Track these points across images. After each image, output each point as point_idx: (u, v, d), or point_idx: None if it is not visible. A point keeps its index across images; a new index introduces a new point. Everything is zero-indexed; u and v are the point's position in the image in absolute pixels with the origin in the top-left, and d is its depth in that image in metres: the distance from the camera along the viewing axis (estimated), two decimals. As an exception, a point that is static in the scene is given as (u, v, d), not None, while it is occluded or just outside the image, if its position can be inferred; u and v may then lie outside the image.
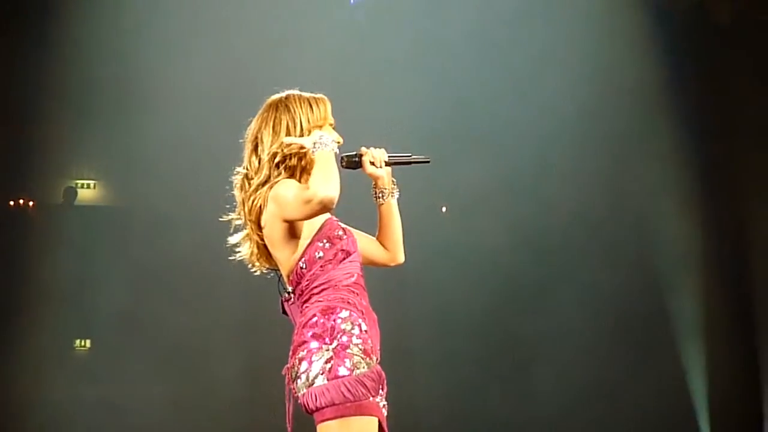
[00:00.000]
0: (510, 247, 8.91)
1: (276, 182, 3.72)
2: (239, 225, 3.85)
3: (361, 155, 3.92)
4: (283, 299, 3.80)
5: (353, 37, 8.84)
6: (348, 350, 3.62)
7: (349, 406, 3.58)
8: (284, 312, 3.82)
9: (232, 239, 3.87)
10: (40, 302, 8.67)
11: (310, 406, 3.61)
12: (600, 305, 8.93)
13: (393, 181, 3.99)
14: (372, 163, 3.91)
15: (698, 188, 9.04)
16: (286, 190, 3.67)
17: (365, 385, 3.61)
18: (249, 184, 3.77)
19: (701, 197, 9.03)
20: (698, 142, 9.01)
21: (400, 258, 4.06)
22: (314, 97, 3.87)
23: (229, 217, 3.88)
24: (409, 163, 3.97)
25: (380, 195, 3.97)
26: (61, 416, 8.59)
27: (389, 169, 3.97)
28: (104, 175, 9.17)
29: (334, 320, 3.66)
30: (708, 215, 9.04)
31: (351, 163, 3.92)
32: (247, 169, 3.79)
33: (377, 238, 4.02)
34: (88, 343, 9.01)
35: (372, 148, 3.94)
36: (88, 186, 9.15)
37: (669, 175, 9.05)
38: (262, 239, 3.78)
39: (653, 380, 8.92)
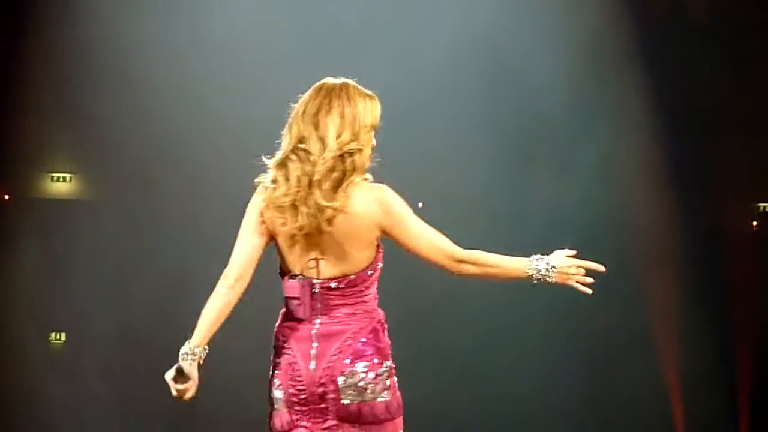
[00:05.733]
0: (486, 245, 8.88)
1: (366, 181, 3.69)
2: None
3: None
4: (319, 283, 3.70)
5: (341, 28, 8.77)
6: (396, 371, 3.76)
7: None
8: (292, 294, 3.73)
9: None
10: (14, 296, 8.61)
11: (387, 412, 3.69)
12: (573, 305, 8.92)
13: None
14: None
15: (674, 186, 9.07)
16: (411, 219, 3.73)
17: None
18: (309, 159, 3.61)
19: (677, 195, 9.06)
20: (676, 138, 9.04)
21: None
22: (369, 95, 3.76)
23: (265, 183, 3.70)
24: None
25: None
26: (34, 410, 8.53)
27: None
28: (80, 168, 9.07)
29: (386, 339, 3.77)
30: (683, 213, 9.07)
31: None
32: (305, 145, 3.62)
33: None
34: (63, 336, 8.94)
35: None
36: (64, 179, 9.06)
37: (643, 172, 9.09)
38: (336, 209, 3.61)
39: (629, 384, 8.94)
